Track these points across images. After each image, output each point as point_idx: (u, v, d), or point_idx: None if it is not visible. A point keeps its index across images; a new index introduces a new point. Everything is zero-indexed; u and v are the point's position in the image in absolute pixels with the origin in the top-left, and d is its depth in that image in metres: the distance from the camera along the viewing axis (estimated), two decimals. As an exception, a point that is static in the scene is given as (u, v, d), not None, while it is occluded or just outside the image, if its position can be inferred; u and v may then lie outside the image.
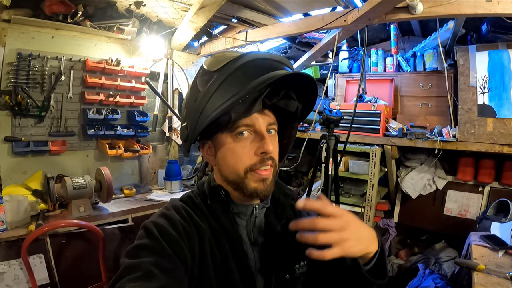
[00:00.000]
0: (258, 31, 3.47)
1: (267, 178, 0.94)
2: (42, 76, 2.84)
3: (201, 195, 1.03)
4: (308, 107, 1.03)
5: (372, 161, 3.14)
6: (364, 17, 2.68)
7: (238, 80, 0.85)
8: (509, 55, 2.83)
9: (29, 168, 2.87)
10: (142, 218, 2.79)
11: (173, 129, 3.83)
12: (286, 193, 1.12)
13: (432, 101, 3.49)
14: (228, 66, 0.87)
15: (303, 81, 0.95)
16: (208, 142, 0.99)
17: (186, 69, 3.88)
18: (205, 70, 0.92)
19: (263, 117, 0.93)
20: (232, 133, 0.92)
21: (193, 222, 0.93)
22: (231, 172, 0.95)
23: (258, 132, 0.92)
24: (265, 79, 0.84)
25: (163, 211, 0.96)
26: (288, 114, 1.00)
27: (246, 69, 0.86)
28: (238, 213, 1.00)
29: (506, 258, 2.06)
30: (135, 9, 3.22)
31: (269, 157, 0.93)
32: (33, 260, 2.18)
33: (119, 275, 0.77)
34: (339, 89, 4.05)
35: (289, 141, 1.09)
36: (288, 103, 0.96)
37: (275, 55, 0.93)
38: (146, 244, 0.84)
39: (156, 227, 0.87)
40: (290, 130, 1.08)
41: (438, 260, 3.30)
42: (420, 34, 3.85)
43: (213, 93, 0.86)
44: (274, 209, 1.08)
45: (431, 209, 3.48)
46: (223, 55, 0.91)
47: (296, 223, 0.79)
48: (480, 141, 2.88)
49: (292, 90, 0.95)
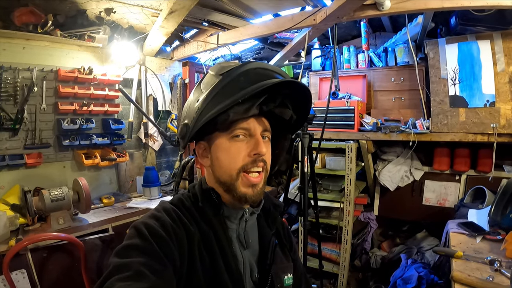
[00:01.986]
0: (229, 34, 3.48)
1: (257, 184, 0.97)
2: (15, 88, 2.78)
3: (192, 197, 1.04)
4: (302, 119, 1.08)
5: (348, 156, 3.18)
6: (333, 15, 2.72)
7: (240, 84, 0.91)
8: (478, 46, 2.90)
9: (5, 182, 2.82)
10: (122, 227, 2.77)
11: (149, 136, 3.81)
12: (275, 204, 1.16)
13: (405, 95, 3.56)
14: (232, 71, 0.93)
15: (300, 92, 0.99)
16: (203, 143, 1.02)
17: (159, 74, 3.86)
18: (210, 74, 0.98)
19: (259, 122, 0.97)
20: (228, 135, 0.95)
21: (182, 225, 0.94)
22: (223, 173, 0.97)
23: (253, 136, 0.96)
24: (265, 83, 0.89)
25: (153, 212, 0.96)
26: (282, 125, 1.05)
27: (248, 75, 0.92)
28: (229, 216, 1.02)
29: (484, 244, 2.11)
30: (106, 16, 3.19)
31: (261, 159, 0.96)
32: (15, 276, 2.14)
33: (108, 274, 0.77)
34: (313, 87, 4.10)
35: (281, 151, 1.12)
36: (283, 111, 1.00)
37: (276, 67, 0.99)
38: (136, 244, 0.84)
39: (147, 228, 0.87)
40: (283, 141, 1.12)
41: (420, 249, 3.36)
42: (391, 29, 3.92)
43: (215, 94, 0.91)
44: (265, 218, 1.12)
45: (410, 200, 3.55)
46: (229, 63, 0.97)
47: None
48: (454, 131, 2.95)
49: (288, 99, 0.99)
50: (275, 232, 1.13)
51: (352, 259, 3.57)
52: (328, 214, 3.53)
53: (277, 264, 1.06)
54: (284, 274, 1.07)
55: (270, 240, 1.08)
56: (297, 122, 1.07)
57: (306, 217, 2.68)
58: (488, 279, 1.64)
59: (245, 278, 1.00)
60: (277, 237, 1.13)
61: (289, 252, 1.17)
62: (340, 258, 3.37)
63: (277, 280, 1.04)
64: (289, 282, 1.08)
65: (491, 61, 2.85)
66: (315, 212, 2.88)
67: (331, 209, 3.51)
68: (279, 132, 1.08)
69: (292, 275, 1.10)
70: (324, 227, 3.52)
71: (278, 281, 1.04)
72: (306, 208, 2.68)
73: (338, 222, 3.34)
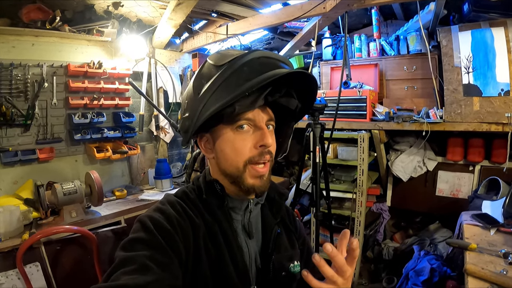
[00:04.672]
0: (238, 24, 3.45)
1: (264, 175, 0.96)
2: (25, 85, 2.82)
3: (197, 190, 1.04)
4: (307, 107, 1.06)
5: (360, 146, 3.15)
6: (343, 3, 2.67)
7: (245, 75, 0.87)
8: (492, 34, 2.81)
9: (19, 177, 2.87)
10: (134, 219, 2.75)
11: (160, 128, 3.83)
12: (280, 193, 1.14)
13: (418, 84, 3.48)
14: (234, 61, 0.89)
15: (305, 81, 0.97)
16: (206, 135, 1.00)
17: (169, 66, 3.87)
18: (210, 64, 0.94)
19: (263, 113, 0.95)
20: (232, 126, 0.93)
21: (187, 217, 0.94)
22: (230, 165, 0.96)
23: (258, 126, 0.94)
24: (272, 74, 0.86)
25: (158, 206, 0.96)
26: (286, 113, 1.03)
27: (252, 65, 0.89)
28: (233, 207, 1.01)
29: (498, 236, 2.07)
30: (114, 10, 3.19)
31: (267, 150, 0.94)
32: (29, 269, 2.18)
33: (114, 268, 0.78)
34: (324, 77, 4.04)
35: (285, 139, 1.11)
36: (289, 100, 0.98)
37: (279, 55, 0.96)
38: (141, 238, 0.84)
39: (152, 221, 0.88)
40: (286, 129, 1.10)
41: (433, 241, 3.32)
42: (402, 17, 3.83)
43: (219, 86, 0.87)
44: (270, 207, 1.11)
45: (423, 191, 3.51)
46: (229, 51, 0.93)
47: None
48: (467, 121, 2.88)
49: (293, 88, 0.97)
50: (280, 221, 1.12)
51: (364, 250, 3.55)
52: (340, 205, 3.52)
53: (281, 253, 1.05)
54: (290, 262, 1.07)
55: (273, 229, 1.07)
56: (302, 110, 1.05)
57: (318, 208, 2.66)
58: (502, 272, 1.61)
59: (251, 269, 1.00)
60: (282, 225, 1.13)
61: (296, 239, 1.17)
62: (352, 249, 3.35)
63: (282, 268, 1.03)
64: (296, 270, 1.07)
65: (506, 48, 2.75)
66: (327, 203, 2.85)
67: (343, 200, 3.49)
68: (283, 120, 1.06)
69: (299, 262, 1.09)
70: (336, 218, 3.50)
71: (282, 269, 1.04)
72: (318, 198, 2.66)
73: (351, 213, 3.32)
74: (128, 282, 0.73)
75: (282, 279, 1.03)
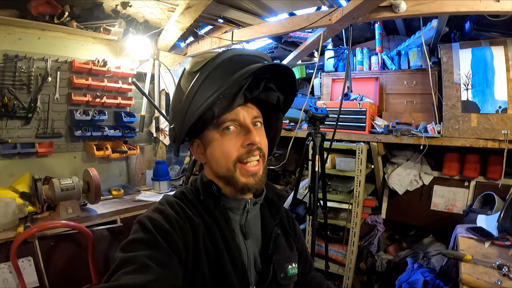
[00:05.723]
0: (244, 31, 3.49)
1: (257, 173, 0.97)
2: (29, 77, 2.82)
3: (194, 191, 1.05)
4: (290, 97, 1.06)
5: (358, 158, 3.17)
6: (348, 16, 2.71)
7: (218, 77, 0.88)
8: (491, 52, 2.88)
9: (16, 170, 2.85)
10: (130, 219, 2.79)
11: (160, 130, 3.83)
12: (279, 194, 1.16)
13: (417, 98, 3.54)
14: (208, 65, 0.90)
15: (281, 72, 0.97)
16: (196, 141, 1.01)
17: (172, 69, 3.88)
18: (187, 71, 0.96)
19: (247, 111, 0.96)
20: (218, 128, 0.94)
21: (186, 217, 0.94)
22: (221, 167, 0.97)
23: (244, 126, 0.95)
24: (243, 72, 0.87)
25: (157, 206, 0.97)
26: (271, 106, 1.03)
27: (225, 65, 0.89)
28: (231, 207, 1.02)
29: (493, 249, 2.10)
30: (122, 9, 3.22)
31: (256, 147, 0.95)
32: (22, 263, 2.15)
33: (115, 269, 0.78)
34: (325, 88, 4.08)
35: (276, 133, 1.11)
36: (269, 94, 0.99)
37: (252, 50, 0.96)
38: (141, 238, 0.85)
39: (151, 221, 0.88)
40: (275, 122, 1.10)
41: (427, 254, 3.33)
42: (404, 33, 3.91)
43: (196, 92, 0.89)
44: (268, 208, 1.12)
45: (418, 204, 3.52)
46: (203, 56, 0.94)
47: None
48: (465, 137, 2.93)
49: (271, 81, 0.97)
50: (279, 222, 1.13)
51: (357, 261, 3.55)
52: (336, 215, 3.52)
53: (280, 254, 1.06)
54: (288, 263, 1.08)
55: (272, 230, 1.08)
56: (286, 101, 1.06)
57: (315, 217, 2.67)
58: (496, 283, 1.63)
59: (249, 269, 1.00)
60: (281, 227, 1.14)
61: (294, 241, 1.18)
62: (346, 260, 3.35)
63: (280, 269, 1.04)
64: (294, 272, 1.08)
65: (505, 67, 2.82)
66: (323, 212, 2.86)
67: (339, 210, 3.49)
68: (271, 114, 1.07)
69: (296, 265, 1.10)
70: (331, 228, 3.50)
71: (281, 270, 1.04)
72: (316, 207, 2.67)
73: (346, 224, 3.32)
74: (129, 282, 0.73)
75: (281, 281, 1.03)
